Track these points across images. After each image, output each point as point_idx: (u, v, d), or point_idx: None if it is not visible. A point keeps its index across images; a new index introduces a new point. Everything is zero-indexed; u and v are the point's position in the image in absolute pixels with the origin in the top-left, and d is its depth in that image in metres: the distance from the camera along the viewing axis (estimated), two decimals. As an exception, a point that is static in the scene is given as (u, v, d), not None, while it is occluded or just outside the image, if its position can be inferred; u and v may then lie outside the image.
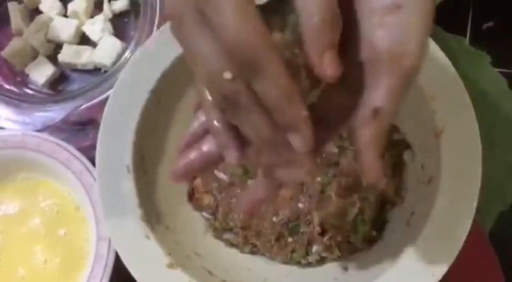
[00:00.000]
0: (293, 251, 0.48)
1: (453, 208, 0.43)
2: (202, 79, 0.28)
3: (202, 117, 0.34)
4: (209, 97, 0.31)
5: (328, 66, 0.27)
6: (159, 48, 0.48)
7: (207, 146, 0.33)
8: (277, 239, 0.48)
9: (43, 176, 0.53)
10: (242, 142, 0.31)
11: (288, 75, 0.26)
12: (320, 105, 0.30)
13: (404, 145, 0.49)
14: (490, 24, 1.10)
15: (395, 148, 0.49)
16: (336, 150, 0.49)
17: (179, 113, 0.51)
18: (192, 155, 0.34)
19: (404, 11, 0.28)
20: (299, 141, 0.28)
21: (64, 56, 0.60)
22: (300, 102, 0.27)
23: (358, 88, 0.29)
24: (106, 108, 0.47)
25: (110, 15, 0.61)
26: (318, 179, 0.48)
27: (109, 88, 0.55)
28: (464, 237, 0.42)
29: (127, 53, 0.59)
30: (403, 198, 0.49)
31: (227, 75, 0.26)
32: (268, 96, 0.26)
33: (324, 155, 0.49)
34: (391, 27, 0.28)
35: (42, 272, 0.51)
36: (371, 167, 0.29)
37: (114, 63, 0.59)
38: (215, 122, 0.31)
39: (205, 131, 0.34)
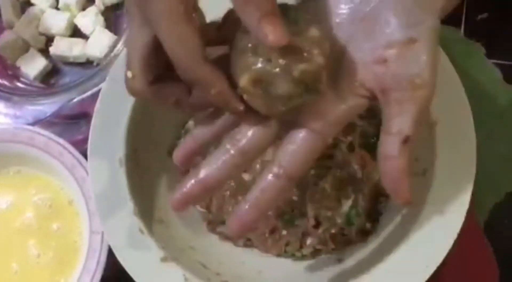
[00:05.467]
0: (287, 244, 0.48)
1: (448, 199, 0.43)
2: None
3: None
4: None
5: (271, 32, 0.27)
6: (151, 41, 0.48)
7: (204, 172, 0.34)
8: (271, 232, 0.48)
9: (36, 170, 0.53)
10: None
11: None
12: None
13: (398, 137, 0.49)
14: (485, 15, 1.09)
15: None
16: (330, 142, 0.48)
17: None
18: (189, 183, 0.34)
19: (419, 46, 0.30)
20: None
21: (56, 49, 0.59)
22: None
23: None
24: (98, 101, 0.47)
25: (102, 8, 0.60)
26: (312, 171, 0.48)
27: (101, 81, 0.54)
28: (458, 229, 0.42)
29: (119, 46, 0.59)
30: (397, 190, 0.48)
31: None
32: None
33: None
34: (410, 60, 0.30)
35: (35, 267, 0.50)
36: (406, 192, 0.32)
37: (106, 56, 0.59)
38: None
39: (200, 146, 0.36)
